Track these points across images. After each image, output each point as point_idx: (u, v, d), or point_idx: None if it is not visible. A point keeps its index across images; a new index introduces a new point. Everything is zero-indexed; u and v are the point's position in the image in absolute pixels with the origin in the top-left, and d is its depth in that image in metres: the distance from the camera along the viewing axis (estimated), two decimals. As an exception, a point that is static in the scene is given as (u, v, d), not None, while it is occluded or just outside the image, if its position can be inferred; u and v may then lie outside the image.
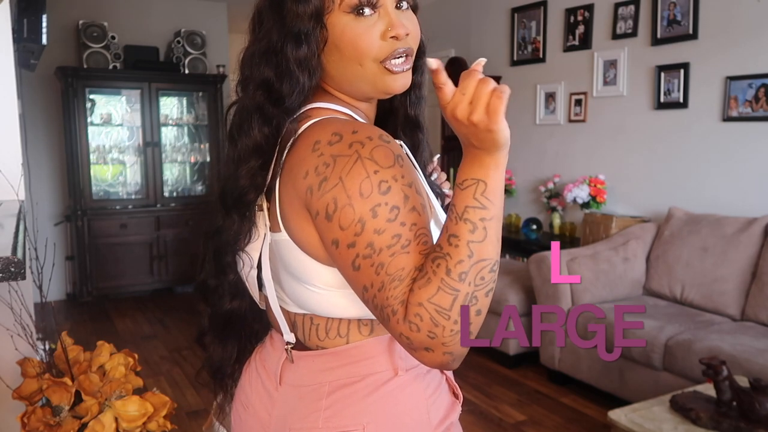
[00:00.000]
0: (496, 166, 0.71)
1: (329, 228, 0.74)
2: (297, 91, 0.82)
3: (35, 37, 2.57)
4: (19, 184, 1.75)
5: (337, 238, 0.74)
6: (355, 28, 0.81)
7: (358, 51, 0.81)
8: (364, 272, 0.72)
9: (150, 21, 5.40)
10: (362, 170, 0.73)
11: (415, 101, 0.96)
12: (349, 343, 0.85)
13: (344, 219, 0.73)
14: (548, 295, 3.24)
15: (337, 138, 0.76)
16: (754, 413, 1.89)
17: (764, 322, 2.82)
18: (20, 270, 1.00)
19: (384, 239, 0.71)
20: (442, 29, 5.24)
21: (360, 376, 0.84)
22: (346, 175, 0.73)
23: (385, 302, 0.71)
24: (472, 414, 2.95)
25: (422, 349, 0.70)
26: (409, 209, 0.73)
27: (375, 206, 0.72)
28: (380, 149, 0.74)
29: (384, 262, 0.71)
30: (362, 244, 0.72)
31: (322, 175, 0.74)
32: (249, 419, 0.95)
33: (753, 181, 3.24)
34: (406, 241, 0.72)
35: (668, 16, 3.57)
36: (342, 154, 0.74)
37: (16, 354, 1.55)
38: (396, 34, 0.82)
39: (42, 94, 4.98)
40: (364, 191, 0.72)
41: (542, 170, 4.45)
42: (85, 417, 1.47)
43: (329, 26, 0.82)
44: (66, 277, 5.21)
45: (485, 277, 0.70)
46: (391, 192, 0.73)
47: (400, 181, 0.74)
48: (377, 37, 0.82)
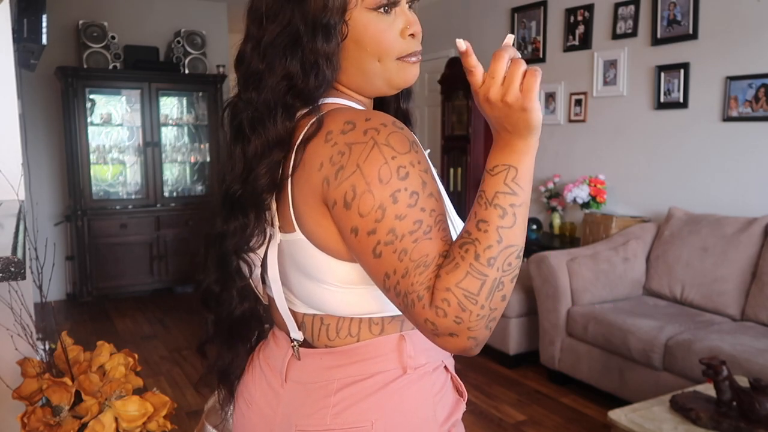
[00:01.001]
0: (527, 151, 0.71)
1: (348, 216, 0.74)
2: (324, 85, 0.82)
3: (35, 37, 2.57)
4: (19, 184, 1.75)
5: (357, 226, 0.73)
6: (379, 24, 0.82)
7: (381, 47, 0.83)
8: (386, 259, 0.72)
9: (150, 21, 5.40)
10: (380, 156, 0.72)
11: (407, 94, 0.97)
12: (360, 341, 0.85)
13: (364, 206, 0.72)
14: (548, 295, 3.24)
15: (350, 126, 0.75)
16: (754, 413, 1.89)
17: (764, 322, 2.82)
18: (20, 270, 1.00)
19: (406, 225, 0.71)
20: (442, 29, 5.24)
21: (369, 373, 0.84)
22: (363, 162, 0.72)
23: (409, 288, 0.71)
24: (472, 414, 2.95)
25: (446, 335, 0.70)
26: (427, 195, 0.73)
27: (395, 192, 0.72)
28: (396, 135, 0.74)
29: (407, 248, 0.71)
30: (383, 231, 0.72)
31: (338, 165, 0.74)
32: (253, 416, 0.95)
33: (753, 181, 3.24)
34: (428, 227, 0.72)
35: (668, 16, 3.57)
36: (357, 142, 0.74)
37: (16, 354, 1.55)
38: (414, 32, 0.84)
39: (42, 94, 4.98)
40: (383, 177, 0.72)
41: (542, 170, 4.45)
42: (85, 417, 1.47)
43: (350, 22, 0.81)
44: (66, 277, 5.20)
45: (512, 263, 0.70)
46: (410, 177, 0.72)
47: (417, 166, 0.74)
48: (397, 34, 0.83)
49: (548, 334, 3.27)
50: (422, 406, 0.86)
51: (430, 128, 5.70)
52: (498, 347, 3.55)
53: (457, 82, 4.83)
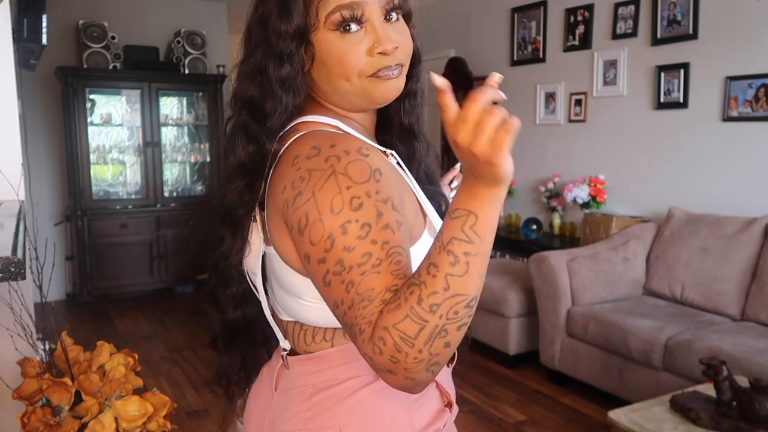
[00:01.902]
0: (491, 201, 0.66)
1: (301, 242, 0.74)
2: (279, 110, 0.82)
3: (35, 37, 2.57)
4: (19, 184, 1.75)
5: (309, 253, 0.73)
6: (341, 45, 0.80)
7: (345, 68, 0.80)
8: (335, 288, 0.71)
9: (150, 21, 5.40)
10: (335, 185, 0.72)
11: (410, 109, 0.94)
12: (334, 347, 0.86)
13: (314, 234, 0.72)
14: (548, 295, 3.24)
15: (315, 152, 0.75)
16: (754, 413, 1.89)
17: (764, 322, 2.82)
18: (20, 270, 1.00)
19: (354, 257, 0.70)
20: (442, 29, 5.24)
21: (341, 379, 0.85)
22: (318, 190, 0.72)
23: (354, 320, 0.70)
24: (472, 414, 2.95)
25: (384, 371, 0.69)
26: (381, 227, 0.71)
27: (345, 223, 0.71)
28: (356, 164, 0.73)
29: (354, 281, 0.70)
30: (332, 261, 0.71)
31: (297, 189, 0.74)
32: (250, 423, 0.98)
33: (753, 181, 3.24)
34: (377, 260, 0.70)
35: (668, 16, 3.57)
36: (317, 168, 0.73)
37: (16, 354, 1.55)
38: (383, 50, 0.80)
39: (42, 94, 4.98)
40: (335, 207, 0.71)
41: (542, 170, 4.45)
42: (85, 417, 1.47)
43: (315, 43, 0.81)
44: (66, 277, 5.21)
45: (459, 312, 0.67)
46: (363, 208, 0.71)
47: (374, 197, 0.72)
48: (363, 53, 0.80)
49: (548, 334, 3.27)
50: (396, 413, 0.85)
51: (430, 128, 5.66)
52: (498, 347, 3.55)
53: (457, 82, 4.83)
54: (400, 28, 0.84)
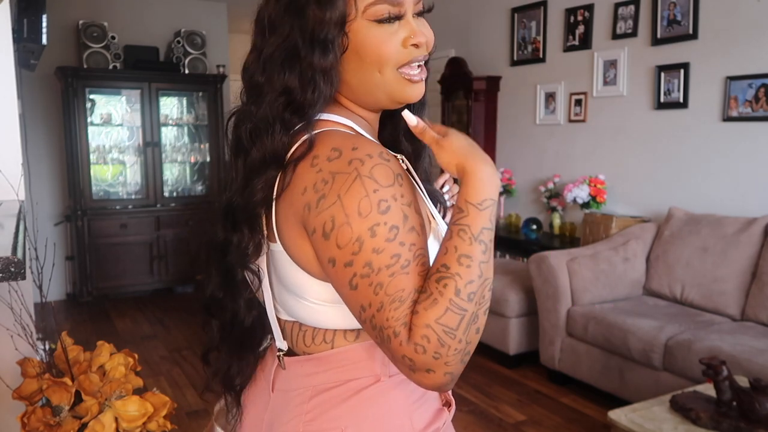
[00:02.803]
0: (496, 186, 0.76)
1: (326, 246, 0.74)
2: (321, 101, 0.81)
3: (35, 37, 2.57)
4: (19, 184, 1.75)
5: (334, 257, 0.73)
6: (379, 34, 0.80)
7: (381, 57, 0.81)
8: (362, 292, 0.72)
9: (150, 21, 5.40)
10: (361, 189, 0.72)
11: (419, 107, 0.93)
12: (334, 349, 0.85)
13: (342, 238, 0.72)
14: (548, 295, 3.24)
15: (336, 154, 0.75)
16: (754, 413, 1.89)
17: (764, 322, 2.82)
18: (20, 270, 1.00)
19: (383, 259, 0.71)
20: (442, 29, 5.24)
21: (342, 380, 0.84)
22: (344, 194, 0.72)
23: (385, 323, 0.70)
24: (472, 414, 2.95)
25: (424, 371, 0.70)
26: (408, 229, 0.73)
27: (374, 225, 0.71)
28: (380, 167, 0.73)
29: (383, 282, 0.71)
30: (360, 264, 0.71)
31: (320, 192, 0.73)
32: (246, 423, 0.97)
33: (753, 181, 3.24)
34: (406, 261, 0.71)
35: (668, 16, 3.57)
36: (341, 171, 0.73)
37: (16, 354, 1.55)
38: (417, 42, 0.82)
39: (42, 94, 4.98)
40: (363, 210, 0.71)
41: (542, 170, 4.45)
42: (85, 417, 1.47)
43: (351, 33, 0.80)
44: (66, 277, 5.21)
45: (485, 295, 0.73)
46: (391, 211, 0.72)
47: (399, 200, 0.73)
48: (399, 43, 0.81)
49: (548, 334, 3.27)
50: (397, 414, 0.85)
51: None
52: (498, 347, 3.55)
53: (457, 82, 4.83)
54: (424, 23, 0.86)
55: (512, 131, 4.74)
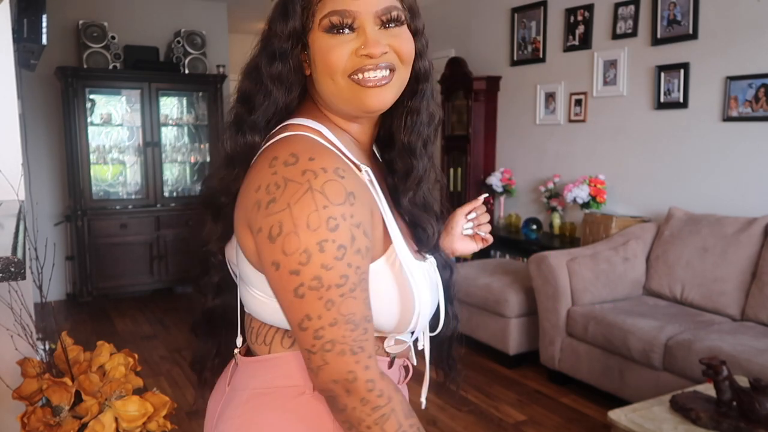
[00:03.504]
0: None
1: (271, 249, 0.74)
2: (267, 104, 0.85)
3: (35, 37, 2.57)
4: (19, 184, 1.75)
5: (279, 262, 0.74)
6: (329, 43, 0.81)
7: (329, 65, 0.81)
8: (310, 303, 0.73)
9: (150, 21, 5.40)
10: (312, 202, 0.73)
11: (411, 127, 0.91)
12: (271, 353, 0.87)
13: (289, 246, 0.73)
14: (548, 295, 3.24)
15: (293, 160, 0.76)
16: (754, 413, 1.89)
17: (764, 322, 2.82)
18: (20, 270, 1.00)
19: (332, 277, 0.72)
20: (442, 29, 5.24)
21: (273, 387, 0.86)
22: (295, 203, 0.73)
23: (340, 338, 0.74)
24: (472, 414, 2.95)
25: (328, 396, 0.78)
26: (355, 251, 0.74)
27: (322, 241, 0.72)
28: (332, 184, 0.74)
29: (334, 300, 0.73)
30: (308, 275, 0.73)
31: (272, 195, 0.75)
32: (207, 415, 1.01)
33: (753, 181, 3.24)
34: (353, 285, 0.74)
35: (668, 16, 3.57)
36: (294, 180, 0.74)
37: (16, 354, 1.55)
38: (368, 53, 0.80)
39: (42, 94, 4.98)
40: (312, 224, 0.72)
41: (542, 170, 4.45)
42: (85, 417, 1.47)
43: (310, 44, 0.83)
44: (66, 277, 5.20)
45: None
46: (339, 230, 0.73)
47: (348, 220, 0.73)
48: (349, 52, 0.81)
49: (548, 334, 3.27)
50: (322, 426, 0.85)
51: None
52: (498, 347, 3.55)
53: (457, 82, 4.83)
54: (398, 33, 0.83)
55: (512, 131, 4.74)
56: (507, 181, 4.59)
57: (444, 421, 2.87)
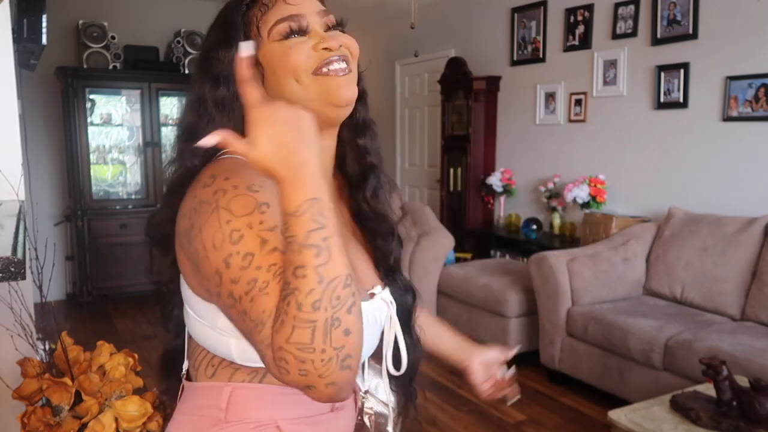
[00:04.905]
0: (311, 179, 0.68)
1: (200, 276, 0.75)
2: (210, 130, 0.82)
3: (35, 37, 2.57)
4: (19, 184, 1.75)
5: (208, 287, 0.75)
6: (286, 45, 0.82)
7: (291, 64, 0.81)
8: (236, 320, 0.73)
9: (150, 21, 5.40)
10: (216, 221, 0.72)
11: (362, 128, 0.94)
12: (193, 381, 0.88)
13: (205, 270, 0.74)
14: (548, 295, 3.24)
15: (210, 181, 0.76)
16: (754, 413, 1.89)
17: (764, 322, 2.82)
18: (20, 270, 1.00)
19: (240, 287, 0.71)
20: (442, 29, 5.24)
21: (191, 415, 0.87)
22: (203, 225, 0.73)
23: (257, 347, 0.70)
24: (472, 414, 2.95)
25: (303, 387, 0.68)
26: (267, 251, 0.71)
27: (227, 257, 0.71)
28: (240, 199, 0.73)
29: (246, 309, 0.70)
30: (225, 295, 0.72)
31: (191, 221, 0.75)
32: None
33: (753, 181, 3.24)
34: (264, 283, 0.70)
35: (668, 16, 3.57)
36: (205, 201, 0.74)
37: (16, 354, 1.55)
38: (328, 46, 0.81)
39: (42, 94, 4.98)
40: (216, 243, 0.72)
41: (542, 170, 4.45)
42: (85, 417, 1.47)
43: (262, 59, 0.83)
44: (66, 277, 5.21)
45: (341, 295, 0.67)
46: (244, 240, 0.71)
47: (256, 227, 0.71)
48: (307, 49, 0.82)
49: (548, 334, 3.27)
50: None
51: (430, 128, 5.69)
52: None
53: (457, 82, 4.83)
54: (343, 34, 0.86)
55: (512, 131, 4.74)
56: (507, 181, 4.59)
57: (444, 421, 2.87)
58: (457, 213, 4.95)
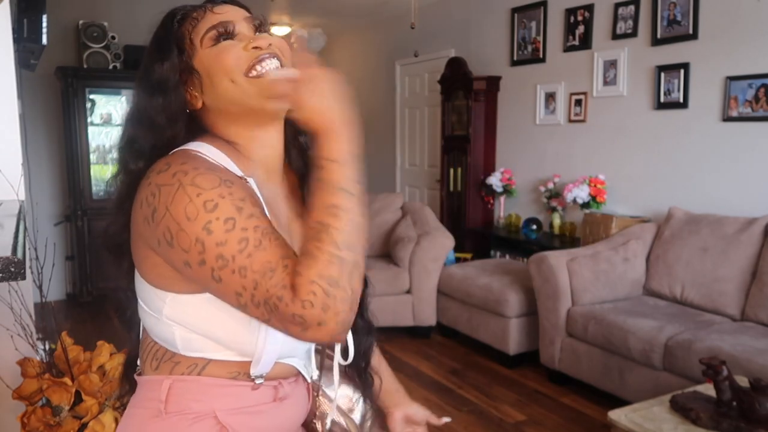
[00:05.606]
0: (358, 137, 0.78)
1: (175, 252, 0.77)
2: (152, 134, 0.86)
3: (35, 37, 2.57)
4: (19, 184, 1.75)
5: (186, 260, 0.76)
6: (216, 50, 0.85)
7: (224, 64, 0.84)
8: (228, 281, 0.74)
9: (150, 21, 5.38)
10: (184, 196, 0.75)
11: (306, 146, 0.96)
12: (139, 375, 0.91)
13: (183, 242, 0.75)
14: (548, 295, 3.24)
15: (165, 167, 0.78)
16: (754, 413, 1.89)
17: (764, 322, 2.82)
18: (20, 270, 1.00)
19: (231, 247, 0.73)
20: (442, 29, 5.24)
21: (135, 407, 0.90)
22: (171, 204, 0.75)
23: (266, 294, 0.72)
24: (472, 414, 2.95)
25: (315, 325, 0.71)
26: (246, 216, 0.75)
27: (206, 224, 0.74)
28: (204, 175, 0.76)
29: (245, 265, 0.73)
30: (212, 259, 0.74)
31: (151, 206, 0.77)
32: None
33: (753, 181, 3.24)
34: (257, 240, 0.74)
35: (668, 16, 3.57)
36: (166, 183, 0.76)
37: (16, 354, 1.55)
38: (257, 45, 0.85)
39: (42, 94, 4.98)
40: (190, 215, 0.74)
41: (542, 170, 4.45)
42: (85, 417, 1.47)
43: (198, 66, 0.86)
44: (66, 277, 5.20)
45: (361, 242, 0.74)
46: (219, 207, 0.74)
47: (228, 197, 0.75)
48: (239, 50, 0.85)
49: (548, 334, 3.27)
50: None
51: (430, 128, 5.69)
52: (498, 347, 3.55)
53: (457, 82, 4.83)
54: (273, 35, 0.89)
55: (512, 131, 4.74)
56: (507, 181, 4.59)
57: (444, 421, 2.87)
58: (457, 213, 4.95)
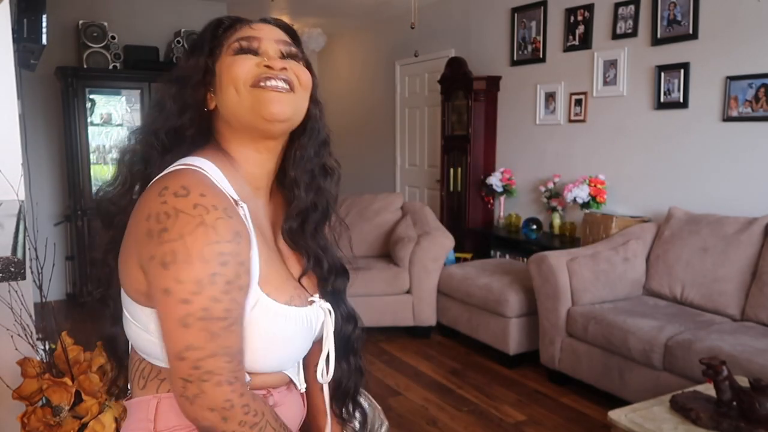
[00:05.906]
0: None
1: (164, 276, 0.76)
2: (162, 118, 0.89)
3: (35, 37, 2.57)
4: (19, 184, 1.75)
5: (170, 288, 0.76)
6: (234, 60, 0.88)
7: (233, 75, 0.87)
8: (195, 333, 0.76)
9: (150, 21, 5.39)
10: (205, 236, 0.76)
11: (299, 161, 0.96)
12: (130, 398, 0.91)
13: (183, 273, 0.75)
14: (548, 295, 3.24)
15: (184, 192, 0.78)
16: (754, 413, 1.89)
17: (764, 322, 2.82)
18: (20, 270, 1.00)
19: (218, 310, 0.76)
20: (442, 29, 5.24)
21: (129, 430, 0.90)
22: (188, 234, 0.76)
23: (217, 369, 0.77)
24: (472, 414, 2.95)
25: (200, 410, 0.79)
26: (237, 287, 0.78)
27: (214, 274, 0.76)
28: (223, 222, 0.78)
29: (218, 333, 0.77)
30: (197, 306, 0.76)
31: (162, 224, 0.77)
32: None
33: (753, 181, 3.24)
34: (233, 319, 0.78)
35: (668, 16, 3.57)
36: (185, 212, 0.77)
37: (16, 354, 1.55)
38: (270, 64, 0.87)
39: (42, 94, 4.98)
40: (206, 256, 0.76)
41: (542, 170, 4.45)
42: (85, 417, 1.47)
43: (218, 69, 0.89)
44: (66, 277, 5.20)
45: None
46: (228, 266, 0.77)
47: (235, 258, 0.78)
48: (252, 64, 0.88)
49: (548, 334, 3.27)
50: None
51: (430, 128, 5.69)
52: (498, 347, 3.55)
53: (457, 82, 4.83)
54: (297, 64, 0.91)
55: (512, 131, 4.74)
56: (507, 181, 4.59)
57: (444, 421, 2.87)
58: (457, 213, 4.95)
